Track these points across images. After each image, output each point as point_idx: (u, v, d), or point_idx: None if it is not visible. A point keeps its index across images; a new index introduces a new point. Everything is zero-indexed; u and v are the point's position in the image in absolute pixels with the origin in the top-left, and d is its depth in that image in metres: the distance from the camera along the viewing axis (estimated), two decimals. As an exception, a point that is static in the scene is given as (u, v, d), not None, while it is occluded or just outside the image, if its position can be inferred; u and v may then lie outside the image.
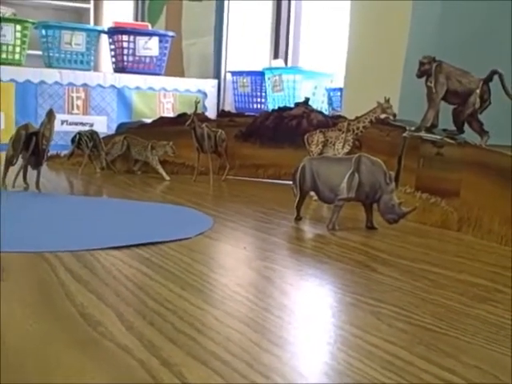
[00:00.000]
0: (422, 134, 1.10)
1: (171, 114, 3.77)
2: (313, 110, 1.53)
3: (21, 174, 1.20)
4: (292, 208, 1.00)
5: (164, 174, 1.44)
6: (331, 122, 1.47)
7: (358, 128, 1.24)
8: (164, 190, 1.32)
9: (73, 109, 3.58)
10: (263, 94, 3.60)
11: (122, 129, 3.15)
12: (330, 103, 3.13)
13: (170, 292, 0.60)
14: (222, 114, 1.73)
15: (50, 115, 1.18)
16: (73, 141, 1.57)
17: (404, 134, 1.14)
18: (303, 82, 3.34)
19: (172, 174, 1.47)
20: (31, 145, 1.17)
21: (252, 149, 1.52)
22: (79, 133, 1.56)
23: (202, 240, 0.84)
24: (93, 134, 1.53)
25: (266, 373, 0.42)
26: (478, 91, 1.06)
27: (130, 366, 0.42)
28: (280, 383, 0.41)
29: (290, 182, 1.03)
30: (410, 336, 0.51)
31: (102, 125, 3.59)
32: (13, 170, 1.21)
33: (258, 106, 3.66)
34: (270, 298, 0.59)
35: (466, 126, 1.10)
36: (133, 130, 1.71)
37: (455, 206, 0.99)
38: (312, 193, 1.03)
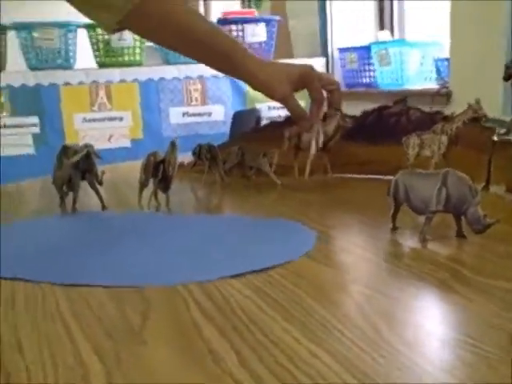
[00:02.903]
0: (511, 136, 1.16)
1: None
2: (411, 107, 1.61)
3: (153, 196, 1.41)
4: (388, 215, 1.12)
5: (275, 178, 1.59)
6: (429, 117, 1.54)
7: (451, 129, 1.32)
8: (275, 198, 1.47)
9: (191, 101, 3.83)
10: (371, 68, 3.64)
11: (237, 117, 3.35)
12: (438, 73, 3.12)
13: (276, 324, 0.74)
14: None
15: (173, 146, 1.36)
16: (194, 152, 1.76)
17: (493, 137, 1.21)
18: (410, 53, 3.34)
19: (281, 176, 1.61)
20: (159, 172, 1.36)
21: (355, 147, 1.62)
22: (199, 145, 1.75)
23: (305, 262, 0.98)
24: (211, 147, 1.71)
25: (345, 406, 0.56)
26: None
27: (244, 400, 0.58)
28: (355, 415, 0.54)
29: (392, 177, 1.14)
30: (470, 369, 0.62)
31: (220, 114, 3.82)
32: (146, 191, 1.42)
33: (367, 79, 3.71)
34: (359, 329, 0.72)
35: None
36: (246, 136, 1.87)
37: (544, 210, 1.05)
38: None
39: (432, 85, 3.18)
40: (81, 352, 0.69)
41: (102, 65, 3.81)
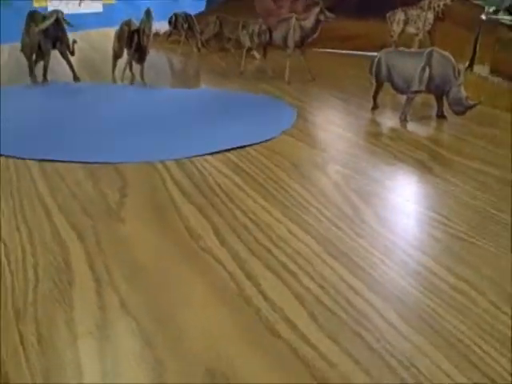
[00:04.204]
0: (500, 16, 1.12)
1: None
2: (397, -20, 1.53)
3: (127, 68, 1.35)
4: (369, 93, 1.10)
5: (254, 52, 1.53)
6: (415, -8, 1.48)
7: (438, 6, 1.26)
8: (254, 73, 1.42)
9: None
10: None
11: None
12: None
13: (255, 203, 0.75)
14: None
15: (148, 15, 1.29)
16: (169, 22, 1.69)
17: (481, 16, 1.16)
18: None
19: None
20: (134, 42, 1.30)
21: (338, 21, 1.55)
22: (175, 14, 1.67)
23: (283, 140, 0.97)
24: (188, 16, 1.63)
25: (322, 283, 0.57)
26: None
27: (222, 277, 0.59)
28: (332, 293, 0.56)
29: (375, 54, 1.12)
30: (441, 245, 0.64)
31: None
32: (120, 63, 1.36)
33: None
34: (336, 208, 0.73)
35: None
36: (224, 6, 1.79)
37: (525, 91, 1.03)
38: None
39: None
40: (59, 230, 0.69)
41: None
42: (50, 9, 3.47)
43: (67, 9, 3.48)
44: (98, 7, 3.63)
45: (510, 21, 1.10)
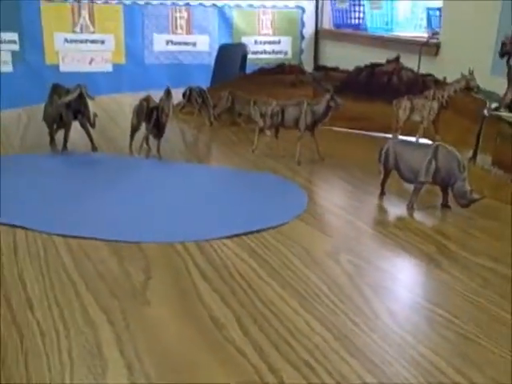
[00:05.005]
0: (501, 112, 1.20)
1: (270, 31, 3.86)
2: (403, 68, 1.62)
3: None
4: (377, 177, 1.16)
5: (265, 129, 1.60)
6: (420, 79, 1.57)
7: (442, 96, 1.35)
8: (265, 151, 1.48)
9: (176, 29, 3.75)
10: (362, 9, 3.59)
11: (222, 51, 3.30)
12: (429, 23, 3.10)
13: (273, 292, 0.79)
14: (317, 68, 1.85)
15: (168, 93, 1.36)
16: (184, 95, 1.77)
17: (484, 112, 1.24)
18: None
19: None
20: (152, 118, 1.37)
21: (345, 101, 1.63)
22: (190, 88, 1.75)
23: (297, 225, 1.02)
24: (201, 91, 1.72)
25: (341, 381, 0.61)
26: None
27: (247, 371, 0.62)
28: (349, 391, 0.59)
29: (381, 135, 1.18)
30: (450, 344, 0.68)
31: (204, 44, 3.76)
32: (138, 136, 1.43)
33: (356, 21, 3.67)
34: (350, 300, 0.77)
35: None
36: (235, 83, 1.87)
37: (526, 185, 1.10)
38: None
39: (421, 33, 3.16)
40: (89, 312, 0.73)
41: (85, -16, 3.67)
42: (61, 67, 3.58)
43: (78, 67, 3.58)
44: (107, 67, 3.74)
45: (511, 117, 1.17)
